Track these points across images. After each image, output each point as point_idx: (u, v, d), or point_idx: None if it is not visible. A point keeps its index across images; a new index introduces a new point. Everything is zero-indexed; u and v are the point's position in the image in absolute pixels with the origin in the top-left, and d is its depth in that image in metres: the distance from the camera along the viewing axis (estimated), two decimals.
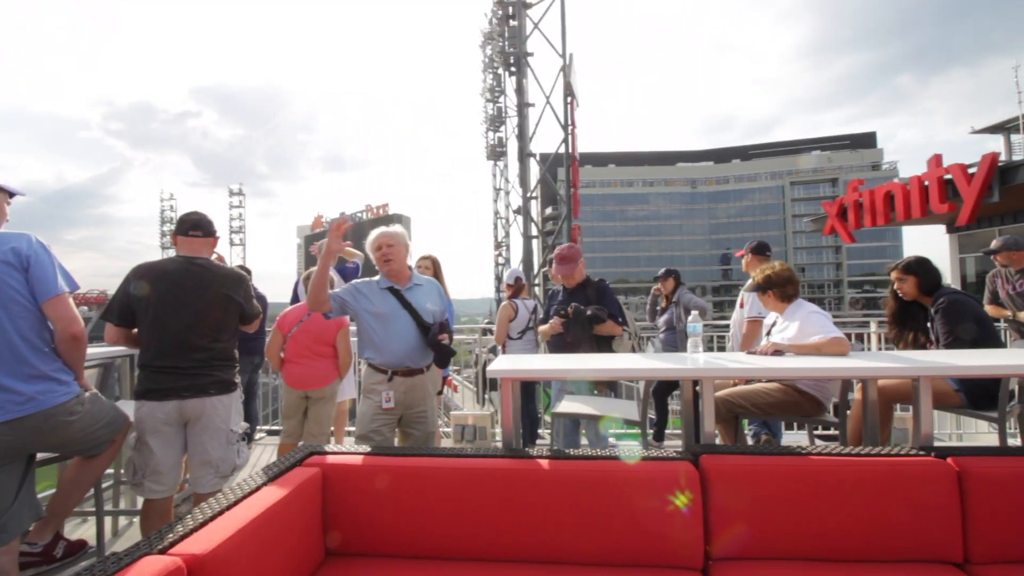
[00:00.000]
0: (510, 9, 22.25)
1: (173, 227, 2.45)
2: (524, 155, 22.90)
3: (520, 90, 22.26)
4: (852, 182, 14.95)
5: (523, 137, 22.74)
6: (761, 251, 3.82)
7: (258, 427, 4.90)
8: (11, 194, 1.87)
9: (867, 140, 72.99)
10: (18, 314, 1.66)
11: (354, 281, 2.55)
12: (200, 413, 2.16)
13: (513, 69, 22.61)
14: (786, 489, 1.71)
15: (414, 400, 2.41)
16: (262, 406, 5.22)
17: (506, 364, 2.17)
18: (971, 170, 10.38)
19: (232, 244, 54.59)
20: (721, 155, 78.94)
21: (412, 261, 2.71)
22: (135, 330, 2.20)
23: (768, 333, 2.67)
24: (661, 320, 4.28)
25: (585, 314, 2.85)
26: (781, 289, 2.65)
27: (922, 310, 2.81)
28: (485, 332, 5.39)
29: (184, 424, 2.18)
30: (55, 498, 2.01)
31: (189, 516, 1.36)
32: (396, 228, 2.53)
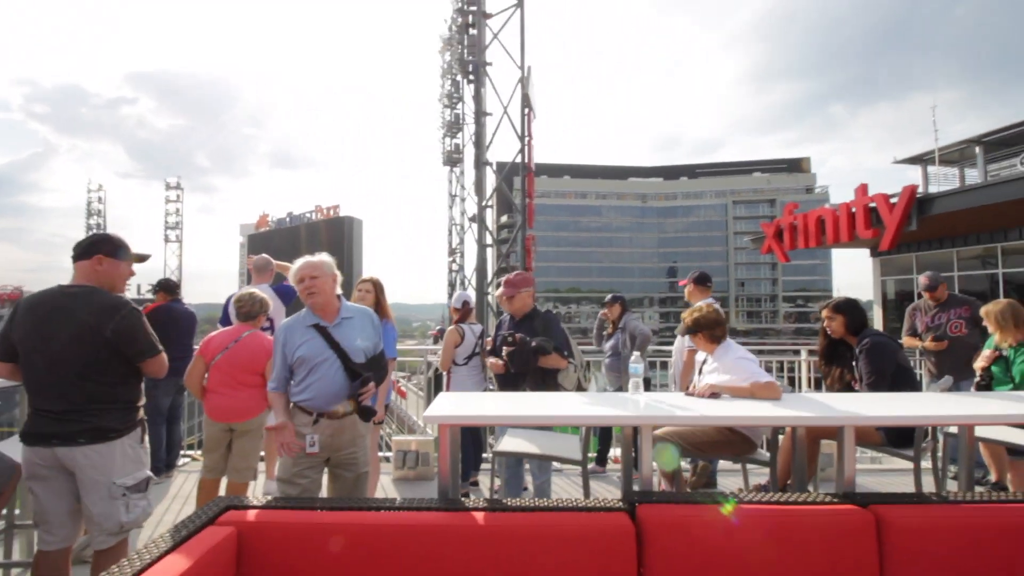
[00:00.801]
0: (470, 17, 22.25)
1: (100, 224, 2.19)
2: (480, 163, 22.87)
3: (478, 98, 22.23)
4: (788, 205, 15.89)
5: (480, 145, 22.72)
6: (703, 281, 3.94)
7: (182, 452, 4.57)
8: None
9: (802, 164, 78.06)
10: None
11: (281, 327, 2.34)
12: (73, 464, 1.93)
13: (471, 77, 22.58)
14: (722, 541, 1.72)
15: (342, 443, 2.26)
16: (189, 430, 4.87)
17: (445, 408, 2.10)
18: (893, 200, 11.24)
19: (168, 241, 51.33)
20: (670, 172, 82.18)
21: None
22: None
23: (700, 370, 2.74)
24: (607, 345, 4.32)
25: (530, 345, 2.81)
26: (710, 331, 2.73)
27: (848, 349, 2.97)
28: (436, 340, 5.30)
29: (71, 472, 1.95)
30: None
31: None
32: (321, 257, 2.33)
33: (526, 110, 21.48)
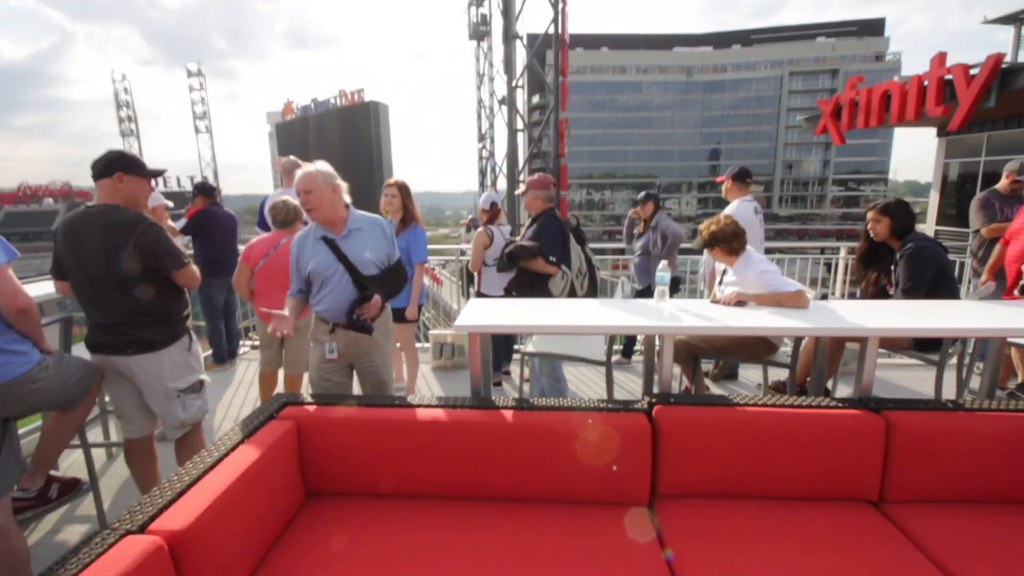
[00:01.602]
0: None
1: (131, 116, 2.21)
2: (510, 36, 21.03)
3: None
4: (851, 79, 14.21)
5: (508, 15, 20.71)
6: (742, 177, 3.75)
7: (242, 342, 5.01)
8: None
9: (875, 27, 68.12)
10: None
11: (295, 238, 2.34)
12: (127, 371, 2.12)
13: None
14: (730, 438, 1.87)
15: (359, 351, 2.33)
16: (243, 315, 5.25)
17: (475, 317, 2.20)
18: (973, 71, 9.91)
19: (197, 132, 51.08)
20: (721, 39, 73.39)
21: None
22: None
23: (721, 280, 2.72)
24: (637, 244, 4.28)
25: (508, 248, 2.90)
26: (727, 244, 2.66)
27: (889, 253, 2.86)
28: (468, 229, 5.40)
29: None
30: (39, 449, 2.08)
31: (167, 484, 1.45)
32: (315, 167, 2.20)
33: None
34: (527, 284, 2.90)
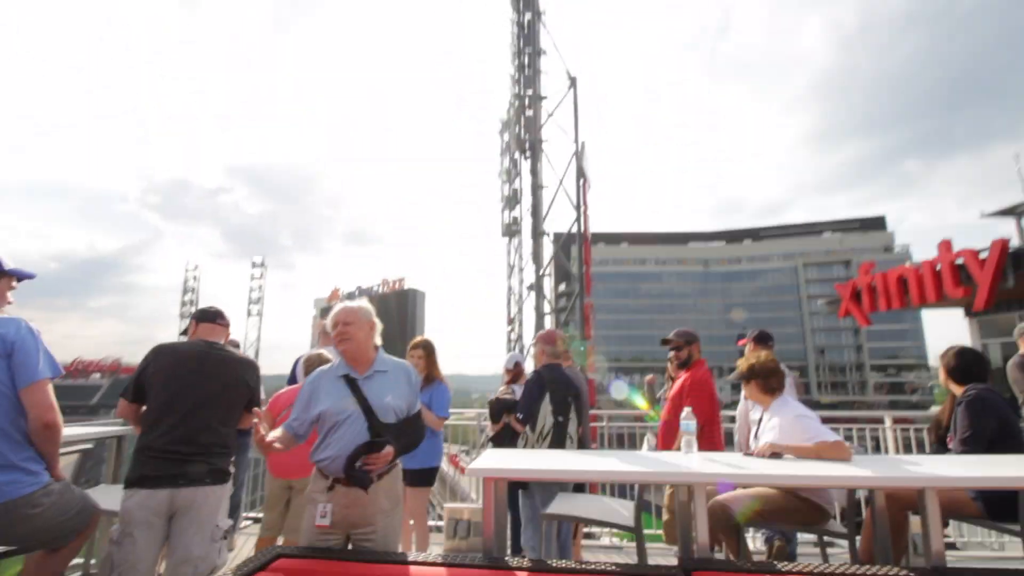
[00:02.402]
0: (527, 100, 23.89)
1: (194, 300, 2.55)
2: (537, 233, 23.60)
3: (535, 172, 23.39)
4: (863, 265, 14.92)
5: (537, 216, 23.59)
6: (763, 340, 3.76)
7: (243, 515, 4.70)
8: (19, 278, 1.94)
9: (877, 223, 73.79)
10: None
11: (312, 374, 2.23)
12: (190, 504, 2.06)
13: (528, 154, 23.89)
14: None
15: (358, 518, 1.97)
16: (249, 491, 5.03)
17: (490, 462, 2.09)
18: (982, 255, 10.35)
19: (249, 315, 55.39)
20: (733, 236, 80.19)
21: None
22: (144, 408, 2.20)
23: (755, 433, 2.55)
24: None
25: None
26: (764, 380, 2.53)
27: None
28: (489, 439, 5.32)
29: (170, 517, 2.08)
30: None
31: None
32: (359, 303, 2.18)
33: (581, 181, 22.25)
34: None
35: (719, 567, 1.69)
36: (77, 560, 2.44)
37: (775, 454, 2.17)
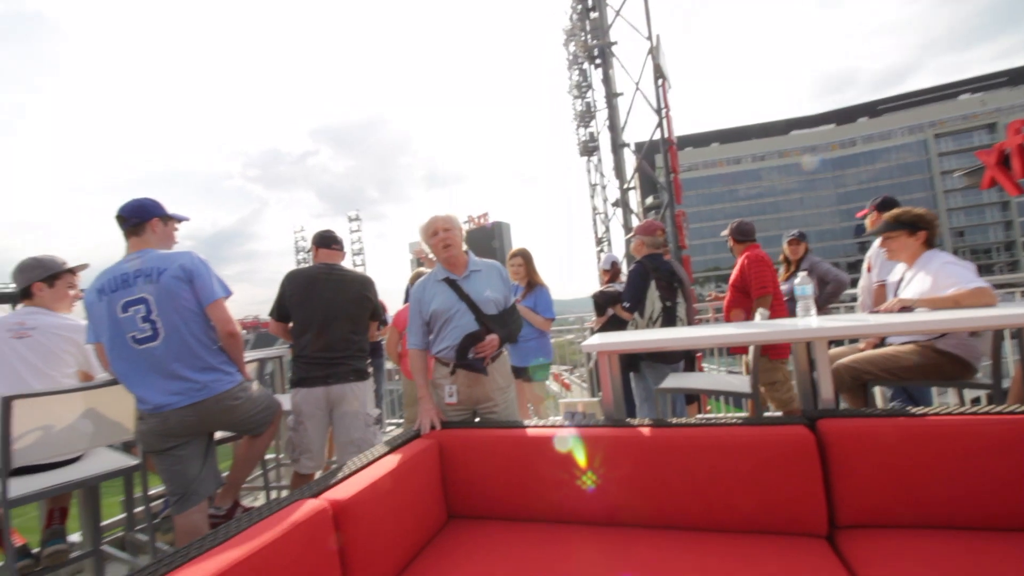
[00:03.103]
0: (589, 2, 21.99)
1: (306, 259, 2.93)
2: (617, 146, 22.34)
3: (607, 81, 21.77)
4: (1013, 124, 12.50)
5: (615, 128, 22.23)
6: (887, 207, 3.42)
7: (384, 423, 5.39)
8: (179, 220, 2.32)
9: None
10: (189, 319, 2.04)
11: (414, 288, 2.46)
12: (342, 398, 2.55)
13: (598, 62, 22.27)
14: (916, 453, 1.55)
15: (480, 395, 2.28)
16: (385, 405, 5.71)
17: (602, 339, 2.21)
18: None
19: (355, 266, 59.76)
20: (844, 115, 70.27)
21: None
22: (290, 325, 2.68)
23: (895, 293, 2.39)
24: (783, 288, 3.94)
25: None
26: (911, 229, 2.26)
27: None
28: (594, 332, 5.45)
29: (330, 409, 2.59)
30: (231, 472, 2.43)
31: (332, 472, 1.61)
32: (449, 213, 2.37)
33: (659, 81, 20.39)
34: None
35: (843, 414, 1.70)
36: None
37: (905, 308, 2.06)
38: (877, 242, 3.13)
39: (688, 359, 3.44)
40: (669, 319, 2.94)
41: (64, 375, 2.23)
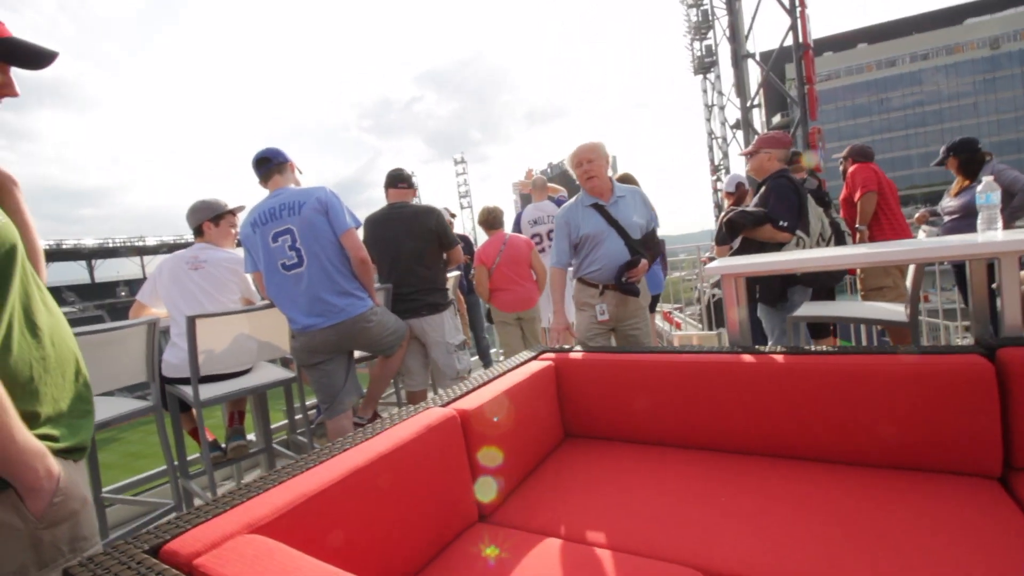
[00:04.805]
0: None
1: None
2: (740, 58, 19.88)
3: None
4: None
5: (736, 37, 19.68)
6: None
7: (492, 356, 5.60)
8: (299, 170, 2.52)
9: None
10: (327, 246, 2.25)
11: (562, 210, 2.58)
12: (422, 331, 2.74)
13: None
14: None
15: (626, 313, 2.47)
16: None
17: (726, 262, 2.04)
18: None
19: (462, 208, 61.61)
20: None
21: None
22: None
23: None
24: (953, 205, 3.35)
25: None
26: None
27: None
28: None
29: (419, 337, 2.79)
30: (369, 387, 2.75)
31: (458, 387, 1.71)
32: (594, 141, 2.46)
33: None
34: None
35: None
36: None
37: None
38: None
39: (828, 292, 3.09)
40: (840, 238, 2.65)
41: (232, 300, 2.59)
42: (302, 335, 2.28)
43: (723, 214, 2.73)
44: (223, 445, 2.64)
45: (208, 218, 2.64)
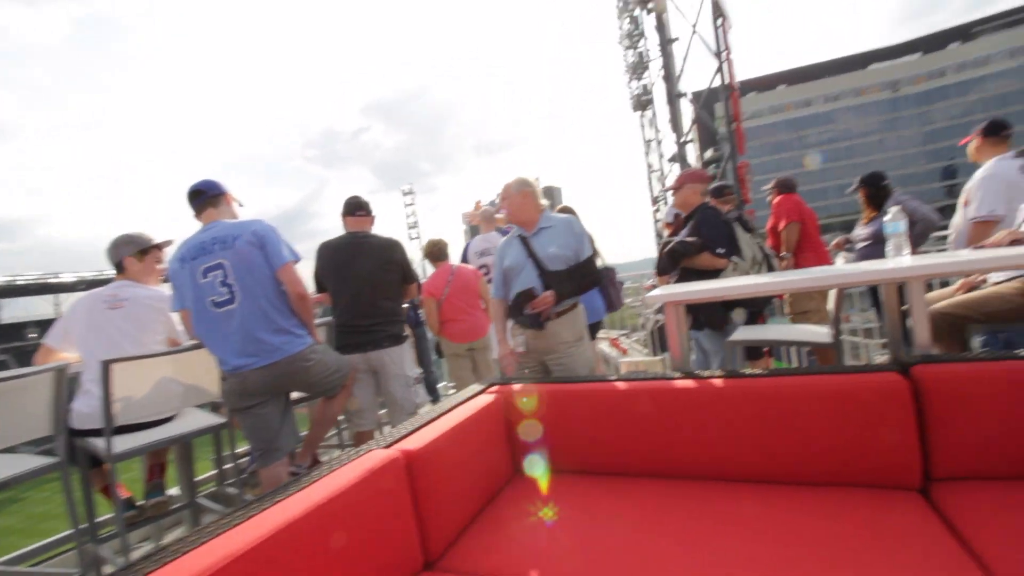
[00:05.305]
0: None
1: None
2: (673, 97, 21.06)
3: (661, 26, 20.45)
4: None
5: (670, 78, 20.85)
6: (995, 131, 3.00)
7: (440, 388, 5.49)
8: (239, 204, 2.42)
9: None
10: (263, 282, 2.13)
11: (502, 241, 2.62)
12: (381, 363, 2.65)
13: (651, 6, 20.91)
14: (1015, 397, 1.39)
15: (545, 346, 2.41)
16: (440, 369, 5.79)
17: (667, 289, 2.12)
18: None
19: (411, 239, 61.06)
20: (931, 42, 62.46)
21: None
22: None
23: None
24: (864, 232, 3.65)
25: (665, 249, 2.78)
26: None
27: None
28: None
29: (373, 372, 2.69)
30: (309, 431, 2.59)
31: (403, 426, 1.65)
32: (518, 177, 2.50)
33: (719, 21, 18.88)
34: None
35: (940, 359, 1.54)
36: None
37: (1016, 242, 1.81)
38: (981, 171, 2.79)
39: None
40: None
41: (155, 342, 2.41)
42: (233, 376, 2.13)
43: (663, 244, 2.85)
44: (140, 502, 2.41)
45: (131, 253, 2.47)
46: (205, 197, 2.23)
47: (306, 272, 2.46)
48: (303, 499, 1.15)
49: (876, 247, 3.48)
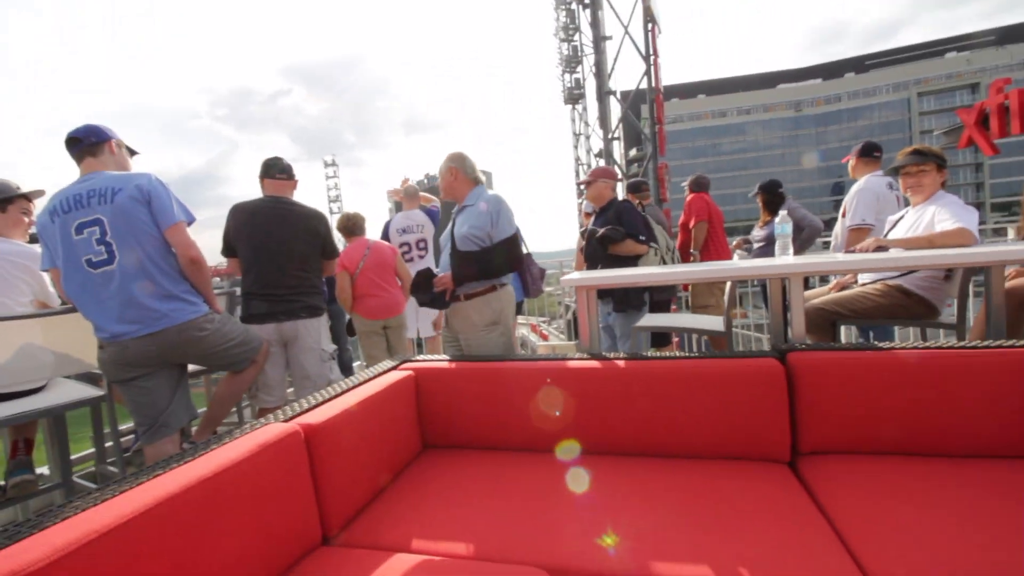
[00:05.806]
0: None
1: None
2: (603, 94, 21.66)
3: (596, 23, 20.86)
4: (996, 82, 12.38)
5: (601, 75, 21.48)
6: (868, 152, 3.41)
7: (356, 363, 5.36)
8: (132, 153, 2.17)
9: (1017, 33, 60.12)
10: (147, 242, 1.91)
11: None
12: (295, 335, 2.50)
13: (587, 1, 21.25)
14: (877, 384, 1.60)
15: (457, 326, 2.41)
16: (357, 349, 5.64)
17: (580, 275, 2.19)
18: None
19: (331, 213, 58.29)
20: (831, 70, 69.26)
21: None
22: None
23: (886, 233, 2.40)
24: (760, 235, 4.03)
25: (596, 235, 2.91)
26: (941, 163, 2.24)
27: None
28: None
29: (284, 345, 2.53)
30: (209, 407, 2.40)
31: (306, 400, 1.58)
32: (457, 151, 2.47)
33: (649, 26, 19.59)
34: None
35: (812, 348, 1.74)
36: None
37: (880, 248, 2.08)
38: (856, 186, 3.16)
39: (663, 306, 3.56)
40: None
41: (19, 303, 2.13)
42: (112, 345, 1.91)
43: (589, 232, 2.96)
44: (1, 483, 2.14)
45: None
46: (82, 145, 1.95)
47: (206, 237, 2.23)
48: (185, 473, 1.07)
49: (770, 248, 3.86)
